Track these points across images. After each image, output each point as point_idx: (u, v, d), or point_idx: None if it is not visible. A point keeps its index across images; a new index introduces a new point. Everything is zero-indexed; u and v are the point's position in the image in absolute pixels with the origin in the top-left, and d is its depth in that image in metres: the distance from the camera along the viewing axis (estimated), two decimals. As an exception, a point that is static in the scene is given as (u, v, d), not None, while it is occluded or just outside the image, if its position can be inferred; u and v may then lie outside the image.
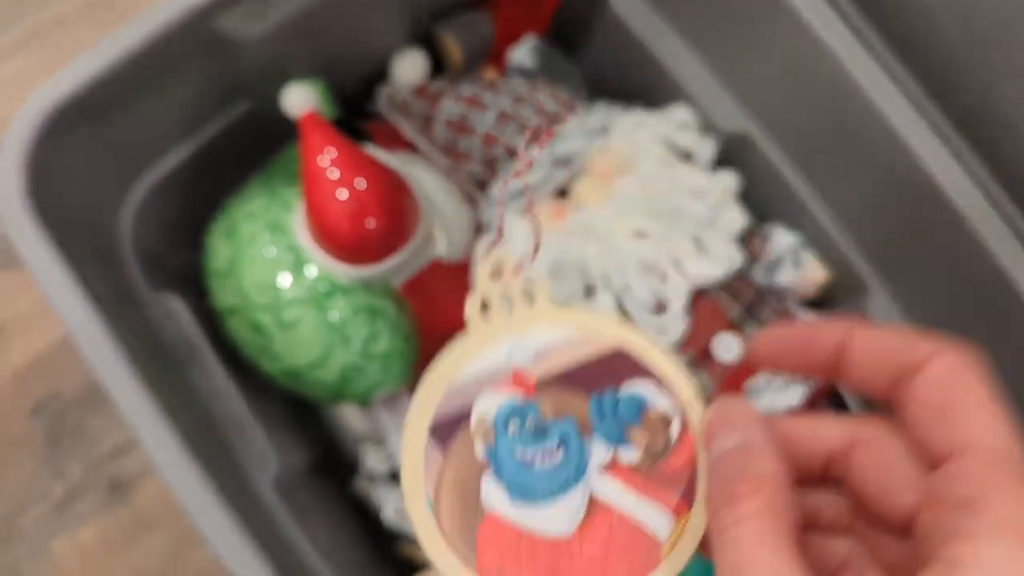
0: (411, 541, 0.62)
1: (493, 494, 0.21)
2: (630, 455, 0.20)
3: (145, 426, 0.38)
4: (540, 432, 0.21)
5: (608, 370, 0.20)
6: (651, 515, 0.19)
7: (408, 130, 0.56)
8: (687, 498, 0.19)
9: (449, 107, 0.55)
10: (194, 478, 0.38)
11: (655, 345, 0.21)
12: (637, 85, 0.57)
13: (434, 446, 0.21)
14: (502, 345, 0.22)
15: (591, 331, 0.21)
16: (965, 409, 0.17)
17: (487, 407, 0.22)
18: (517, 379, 0.21)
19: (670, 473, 0.20)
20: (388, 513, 0.63)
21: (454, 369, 0.22)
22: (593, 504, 0.20)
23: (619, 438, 0.20)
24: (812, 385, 0.52)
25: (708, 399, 0.21)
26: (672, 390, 0.20)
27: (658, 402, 0.20)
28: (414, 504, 0.22)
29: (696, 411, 0.21)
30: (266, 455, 0.48)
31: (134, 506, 0.66)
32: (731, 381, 0.52)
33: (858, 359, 0.19)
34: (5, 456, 0.67)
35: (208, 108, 0.48)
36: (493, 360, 0.22)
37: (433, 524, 0.21)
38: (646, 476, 0.20)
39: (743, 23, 0.50)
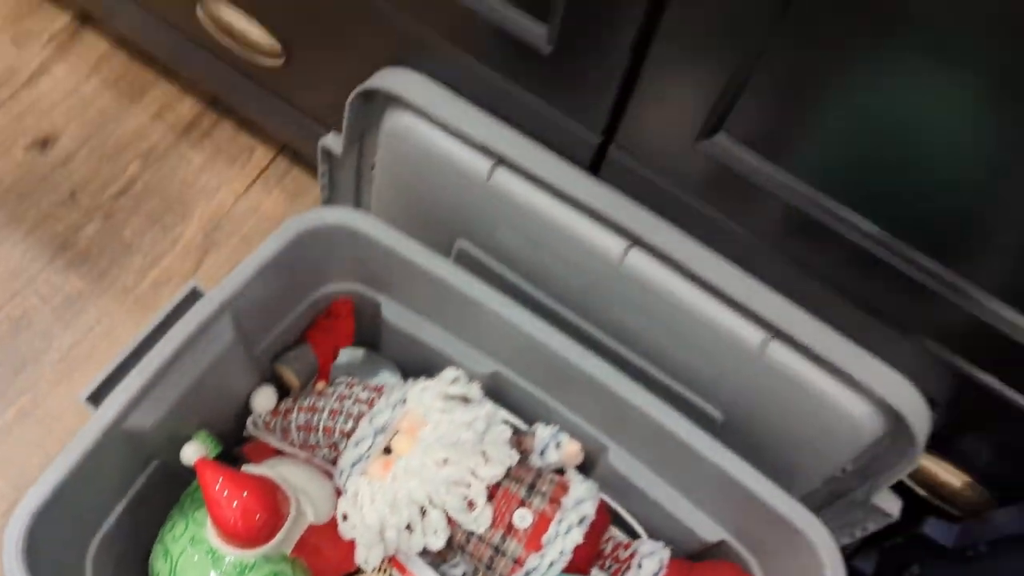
0: None
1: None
2: None
3: None
4: None
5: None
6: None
7: (272, 441, 0.80)
8: None
9: (296, 417, 0.79)
10: None
11: None
12: (419, 362, 0.84)
13: None
14: None
15: None
16: None
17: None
18: None
19: None
20: None
21: None
22: None
23: None
24: (586, 525, 0.76)
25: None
26: None
27: None
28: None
29: None
30: None
31: None
32: (530, 542, 0.75)
33: None
34: None
35: (131, 473, 0.71)
36: None
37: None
38: None
39: (467, 304, 0.78)
